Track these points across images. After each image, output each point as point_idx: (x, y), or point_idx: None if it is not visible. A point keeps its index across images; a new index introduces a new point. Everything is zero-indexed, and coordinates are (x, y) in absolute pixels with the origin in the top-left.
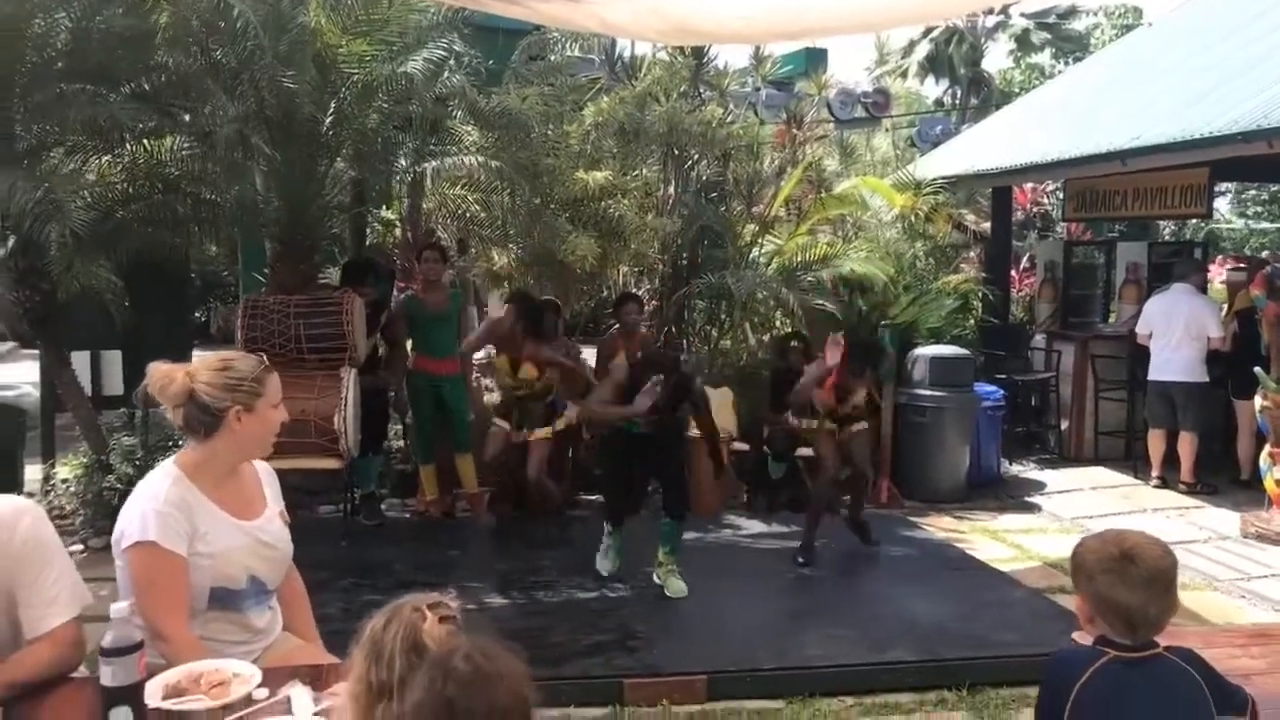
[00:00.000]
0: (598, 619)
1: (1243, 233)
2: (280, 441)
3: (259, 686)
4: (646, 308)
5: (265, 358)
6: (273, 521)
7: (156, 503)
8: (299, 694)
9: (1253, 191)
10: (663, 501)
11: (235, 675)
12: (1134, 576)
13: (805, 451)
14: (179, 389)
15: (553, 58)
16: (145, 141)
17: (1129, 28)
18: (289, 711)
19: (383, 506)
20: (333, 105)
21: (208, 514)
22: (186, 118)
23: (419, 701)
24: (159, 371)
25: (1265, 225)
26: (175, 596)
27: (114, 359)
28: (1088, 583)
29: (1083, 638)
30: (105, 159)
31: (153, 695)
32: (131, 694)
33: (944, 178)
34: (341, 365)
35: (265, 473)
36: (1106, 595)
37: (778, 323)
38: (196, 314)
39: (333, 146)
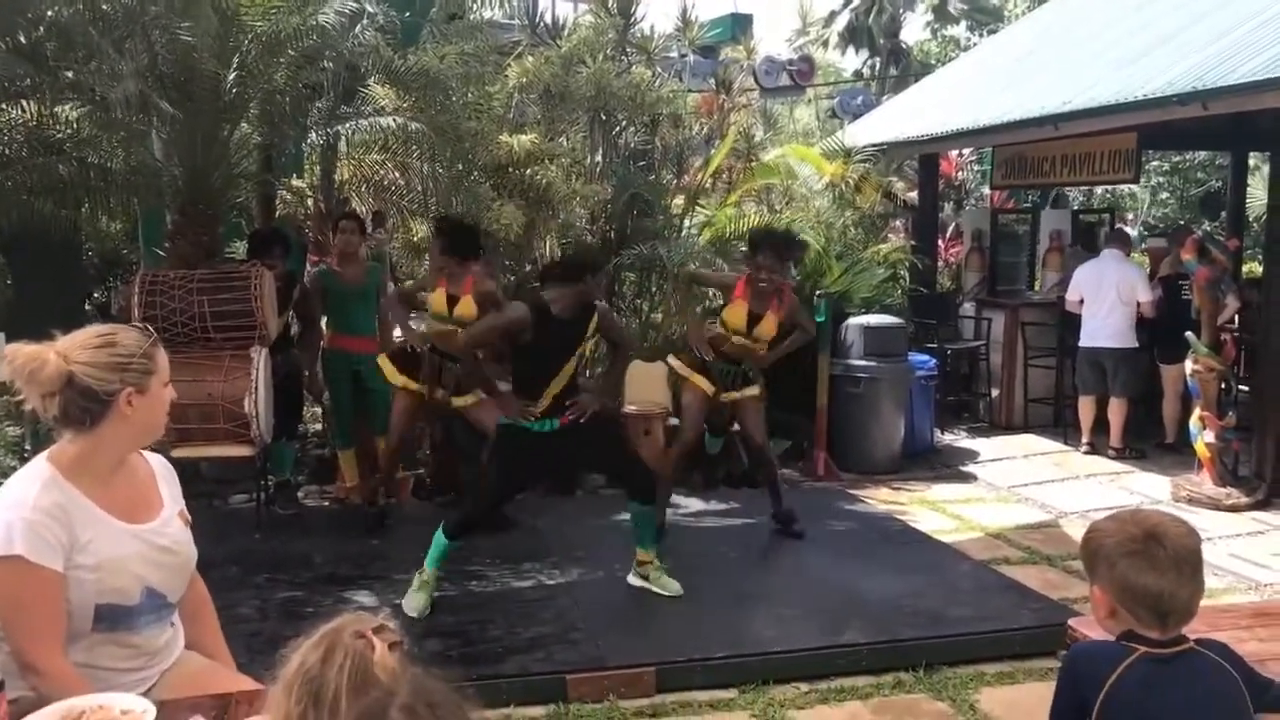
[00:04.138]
0: (536, 611)
1: (1144, 202)
2: (187, 428)
3: None
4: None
5: (150, 328)
6: (170, 523)
7: (23, 509)
8: None
9: (1155, 162)
10: (626, 491)
11: (123, 713)
12: (1162, 558)
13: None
14: (53, 373)
15: (472, 16)
16: (24, 101)
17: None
18: None
19: (299, 494)
20: (236, 61)
21: (90, 519)
22: (69, 74)
23: None
24: (24, 354)
25: (1164, 196)
26: (48, 620)
27: None
28: (1109, 570)
29: (1084, 625)
30: None
31: None
32: None
33: (873, 145)
34: (251, 345)
35: (161, 466)
36: (1133, 581)
37: (711, 294)
38: (96, 294)
39: (237, 108)
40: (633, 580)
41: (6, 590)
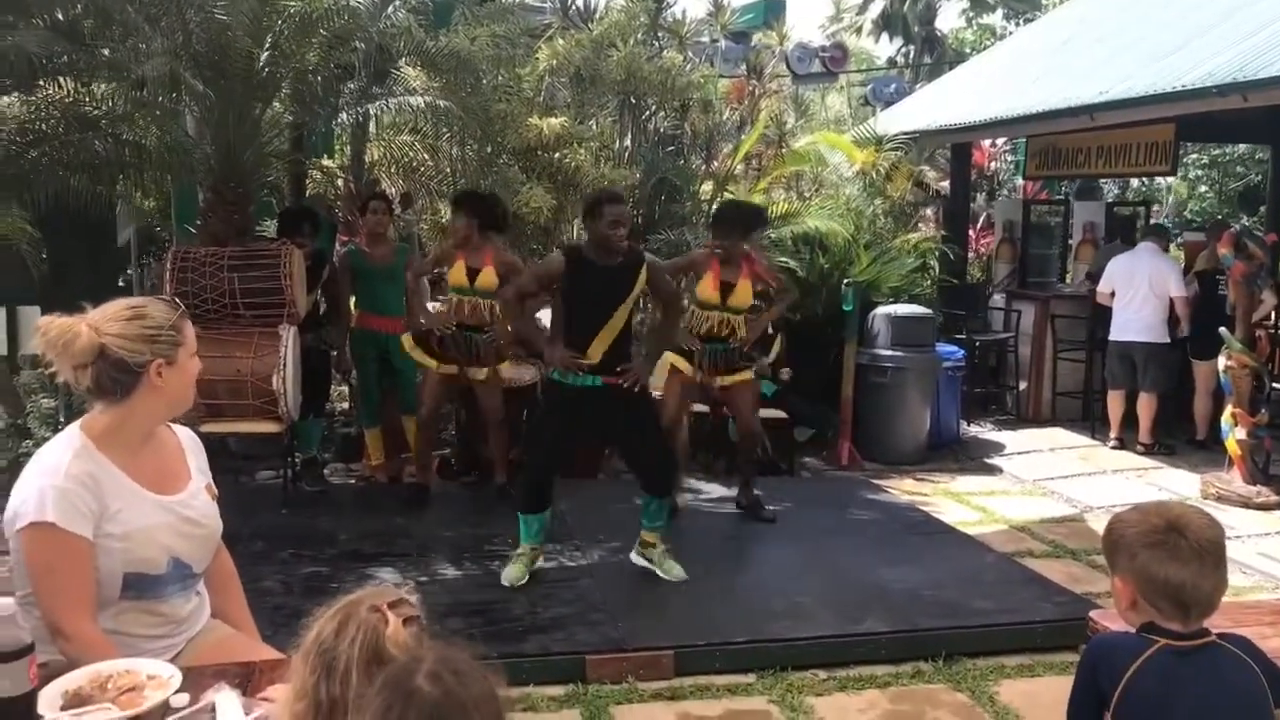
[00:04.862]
0: (557, 591)
1: (1175, 193)
2: (216, 403)
3: (179, 691)
4: None
5: (178, 301)
6: (198, 495)
7: (56, 477)
8: (226, 700)
9: (1194, 155)
10: (639, 480)
11: (150, 678)
12: (1184, 549)
13: (765, 413)
14: (86, 345)
15: None
16: (61, 78)
17: None
18: None
19: (325, 472)
20: (269, 40)
21: (119, 488)
22: (106, 52)
23: None
24: (56, 326)
25: (1203, 189)
26: (78, 586)
27: (32, 315)
28: (1130, 560)
29: (1104, 618)
30: (14, 95)
31: (50, 705)
32: (21, 707)
33: (905, 133)
34: (280, 322)
35: (189, 440)
36: (1155, 573)
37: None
38: (129, 270)
39: (269, 86)
40: (635, 559)
41: (38, 556)
